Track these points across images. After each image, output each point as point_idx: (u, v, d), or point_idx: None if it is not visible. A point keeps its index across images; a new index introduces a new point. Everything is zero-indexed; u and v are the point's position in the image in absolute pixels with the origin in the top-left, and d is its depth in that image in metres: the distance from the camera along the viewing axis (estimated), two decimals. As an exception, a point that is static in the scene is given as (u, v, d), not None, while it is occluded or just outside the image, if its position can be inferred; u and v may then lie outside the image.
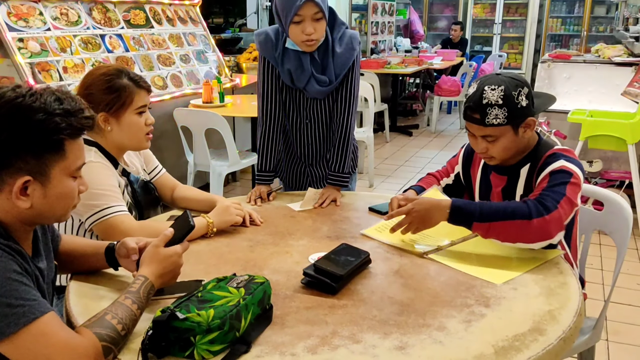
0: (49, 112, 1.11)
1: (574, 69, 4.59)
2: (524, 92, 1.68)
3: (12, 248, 1.12)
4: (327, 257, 1.49)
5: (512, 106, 1.66)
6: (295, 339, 1.20)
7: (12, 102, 1.10)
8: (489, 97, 1.66)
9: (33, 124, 1.10)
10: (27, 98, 1.10)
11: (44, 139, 1.11)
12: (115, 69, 1.76)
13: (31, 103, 1.10)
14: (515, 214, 1.55)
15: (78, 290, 1.40)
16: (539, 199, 1.58)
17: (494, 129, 1.68)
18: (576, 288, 1.45)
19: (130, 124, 1.77)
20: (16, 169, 1.11)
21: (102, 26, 4.04)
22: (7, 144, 1.09)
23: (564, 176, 1.63)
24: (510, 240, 1.57)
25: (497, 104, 1.66)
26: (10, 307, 1.03)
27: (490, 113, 1.66)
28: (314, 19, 1.96)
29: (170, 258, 1.30)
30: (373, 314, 1.31)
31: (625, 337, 2.77)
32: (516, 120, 1.68)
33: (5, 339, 1.03)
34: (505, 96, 1.65)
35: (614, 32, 7.98)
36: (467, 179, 2.00)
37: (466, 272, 1.53)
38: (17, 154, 1.10)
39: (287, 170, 2.39)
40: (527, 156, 1.78)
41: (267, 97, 2.17)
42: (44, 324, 1.05)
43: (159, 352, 1.11)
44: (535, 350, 1.17)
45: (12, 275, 1.06)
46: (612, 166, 4.22)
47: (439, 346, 1.18)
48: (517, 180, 1.80)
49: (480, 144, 1.74)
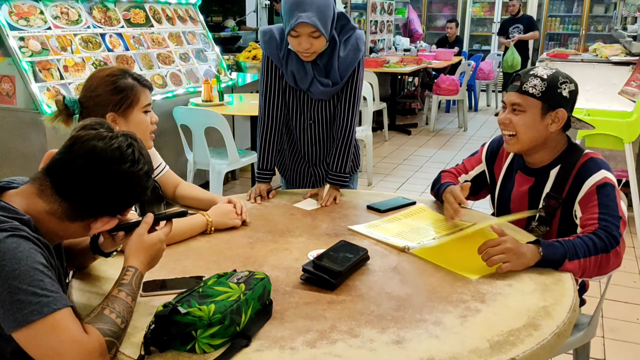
0: (143, 187, 1.28)
1: (572, 68, 4.61)
2: (569, 86, 1.73)
3: (40, 241, 1.15)
4: (326, 254, 1.51)
5: (552, 87, 1.71)
6: (295, 333, 1.22)
7: (128, 171, 1.23)
8: (538, 71, 1.74)
9: (138, 194, 1.27)
10: (136, 166, 1.25)
11: (127, 206, 1.31)
12: (118, 70, 1.78)
13: (139, 173, 1.26)
14: (597, 249, 1.56)
15: (80, 287, 1.42)
16: (606, 229, 1.59)
17: (526, 98, 1.72)
18: (571, 284, 1.48)
19: (138, 123, 1.79)
20: (104, 214, 1.27)
21: (102, 25, 4.05)
22: (110, 204, 1.26)
23: (611, 191, 1.67)
24: (592, 274, 1.58)
25: (541, 77, 1.71)
26: (35, 295, 1.06)
27: (531, 81, 1.72)
28: (310, 36, 1.95)
29: (155, 245, 1.33)
30: (371, 309, 1.33)
31: (622, 335, 2.80)
32: (549, 102, 1.71)
33: (26, 327, 1.05)
34: (552, 76, 1.72)
35: (612, 32, 8.00)
36: (492, 175, 2.00)
37: (444, 266, 1.56)
38: (105, 211, 1.26)
39: (291, 169, 2.40)
40: (558, 158, 1.79)
41: (269, 96, 2.18)
42: (61, 318, 1.07)
43: (161, 346, 1.14)
44: (530, 345, 1.20)
45: (40, 267, 1.09)
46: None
47: (435, 340, 1.21)
48: (544, 182, 1.81)
49: (507, 114, 1.77)
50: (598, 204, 1.65)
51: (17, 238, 1.10)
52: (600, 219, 1.62)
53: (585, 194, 1.69)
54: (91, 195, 1.21)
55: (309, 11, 1.89)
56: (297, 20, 1.89)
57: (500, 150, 1.97)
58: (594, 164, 1.73)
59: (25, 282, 1.06)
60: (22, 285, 1.06)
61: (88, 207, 1.23)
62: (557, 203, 1.77)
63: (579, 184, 1.72)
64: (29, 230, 1.14)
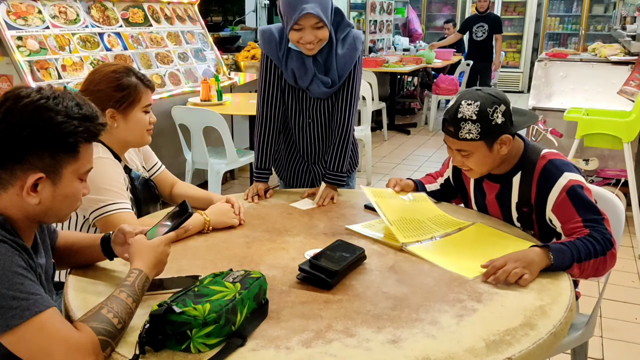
0: (70, 115, 1.17)
1: (571, 68, 4.61)
2: (500, 110, 1.68)
3: (18, 244, 1.14)
4: (322, 253, 1.51)
5: (486, 122, 1.67)
6: (291, 332, 1.22)
7: (36, 103, 1.15)
8: (464, 111, 1.68)
9: (54, 125, 1.15)
10: (51, 100, 1.16)
11: (61, 140, 1.17)
12: (123, 67, 1.78)
13: (54, 105, 1.16)
14: (597, 253, 1.56)
15: (76, 285, 1.42)
16: (599, 231, 1.59)
17: (467, 143, 1.71)
18: (567, 284, 1.47)
19: (137, 122, 1.79)
20: (31, 165, 1.16)
21: (101, 24, 4.05)
22: (27, 140, 1.14)
23: (581, 192, 1.65)
24: (588, 276, 1.59)
25: (471, 119, 1.67)
26: (15, 300, 1.05)
27: (464, 127, 1.69)
28: (314, 27, 1.97)
29: (158, 248, 1.32)
30: (367, 309, 1.33)
31: (620, 334, 2.79)
32: (490, 137, 1.69)
33: (9, 331, 1.05)
34: (480, 112, 1.67)
35: (611, 31, 8.00)
36: (460, 184, 2.03)
37: (440, 265, 1.56)
38: (35, 151, 1.15)
39: (287, 168, 2.40)
40: (517, 165, 1.79)
41: (267, 95, 2.18)
42: (46, 319, 1.07)
43: (155, 346, 1.13)
44: (526, 345, 1.19)
45: (18, 270, 1.08)
46: (608, 164, 4.24)
47: (431, 340, 1.20)
48: (509, 188, 1.81)
49: (456, 157, 1.78)
50: (576, 210, 1.64)
51: None
52: (587, 226, 1.61)
53: (557, 202, 1.68)
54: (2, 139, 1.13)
55: (311, 2, 1.92)
56: (302, 12, 1.91)
57: None
58: (554, 167, 1.71)
59: (4, 287, 1.05)
60: (1, 290, 1.05)
61: (3, 157, 1.14)
62: (529, 210, 1.78)
63: (543, 189, 1.72)
64: (4, 232, 1.13)
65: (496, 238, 1.74)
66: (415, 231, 1.74)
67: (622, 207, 1.89)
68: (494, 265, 1.48)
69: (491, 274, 1.47)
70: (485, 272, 1.49)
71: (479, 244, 1.69)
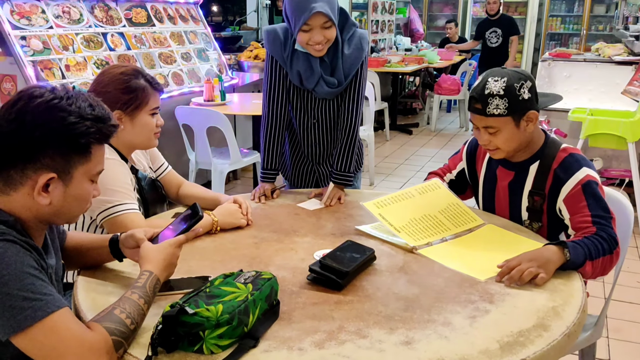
0: (82, 116, 1.16)
1: (574, 68, 4.60)
2: (526, 86, 1.70)
3: (29, 244, 1.14)
4: (332, 254, 1.50)
5: (513, 98, 1.68)
6: (303, 334, 1.21)
7: (49, 103, 1.15)
8: (492, 87, 1.69)
9: (66, 125, 1.15)
10: (64, 101, 1.16)
11: (74, 141, 1.16)
12: (132, 69, 1.77)
13: (67, 106, 1.15)
14: (604, 251, 1.57)
15: (86, 286, 1.41)
16: (606, 230, 1.60)
17: (494, 119, 1.71)
18: (579, 285, 1.47)
19: (144, 125, 1.78)
20: (42, 166, 1.15)
21: (104, 24, 4.04)
22: (39, 140, 1.13)
23: (596, 189, 1.66)
24: (596, 275, 1.59)
25: (499, 95, 1.68)
26: (27, 300, 1.05)
27: (492, 103, 1.69)
28: (323, 27, 1.96)
29: (168, 250, 1.31)
30: (379, 310, 1.32)
31: (626, 335, 2.79)
32: (517, 112, 1.70)
33: (21, 332, 1.04)
34: (507, 87, 1.68)
35: (613, 31, 7.99)
36: (472, 175, 2.02)
37: (452, 267, 1.55)
38: (47, 151, 1.14)
39: (293, 169, 2.39)
40: (536, 154, 1.80)
41: (273, 95, 2.18)
42: (58, 319, 1.06)
43: (168, 347, 1.12)
44: (540, 346, 1.18)
45: (30, 270, 1.08)
46: (612, 164, 4.23)
47: (445, 341, 1.20)
48: (524, 177, 1.81)
49: (483, 136, 1.77)
50: (588, 205, 1.65)
51: (4, 242, 1.09)
52: (595, 222, 1.62)
53: (571, 193, 1.69)
54: (11, 139, 1.12)
55: (320, 1, 1.91)
56: (312, 10, 1.90)
57: (478, 147, 1.98)
58: (574, 160, 1.73)
59: (16, 287, 1.05)
60: (13, 291, 1.04)
61: (14, 157, 1.13)
62: (542, 199, 1.78)
63: (560, 179, 1.73)
64: (15, 233, 1.13)
65: (508, 239, 1.73)
66: (425, 231, 1.73)
67: (631, 207, 1.88)
68: (508, 265, 1.48)
69: (505, 274, 1.46)
70: (500, 272, 1.48)
71: (490, 246, 1.68)
